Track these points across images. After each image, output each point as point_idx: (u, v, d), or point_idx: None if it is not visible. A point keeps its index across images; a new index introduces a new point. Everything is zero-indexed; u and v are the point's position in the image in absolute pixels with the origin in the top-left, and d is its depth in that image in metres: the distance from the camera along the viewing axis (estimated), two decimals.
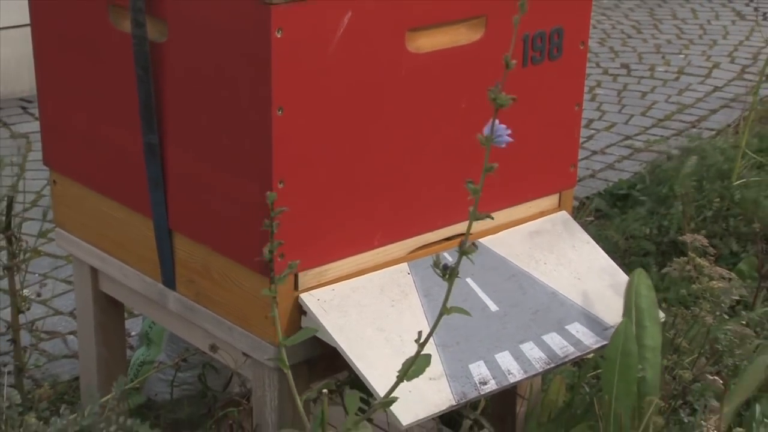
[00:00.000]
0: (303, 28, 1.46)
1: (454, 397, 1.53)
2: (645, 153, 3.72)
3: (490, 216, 1.33)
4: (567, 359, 1.64)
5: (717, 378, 1.78)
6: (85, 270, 1.92)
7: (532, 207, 1.81)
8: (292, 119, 1.48)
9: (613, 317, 1.71)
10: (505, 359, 1.60)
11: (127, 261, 1.80)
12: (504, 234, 1.77)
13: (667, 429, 1.72)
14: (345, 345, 1.53)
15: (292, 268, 1.46)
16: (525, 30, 1.68)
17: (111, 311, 1.96)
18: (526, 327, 1.65)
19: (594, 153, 3.76)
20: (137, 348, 2.26)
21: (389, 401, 1.42)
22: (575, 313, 1.70)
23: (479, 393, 1.55)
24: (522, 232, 1.79)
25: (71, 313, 2.63)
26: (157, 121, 1.63)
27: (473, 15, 1.63)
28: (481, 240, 1.73)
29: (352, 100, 1.54)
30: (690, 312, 1.97)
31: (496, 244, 1.75)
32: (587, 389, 1.97)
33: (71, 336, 2.54)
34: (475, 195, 1.30)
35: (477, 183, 1.30)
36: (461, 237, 1.70)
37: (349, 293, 1.59)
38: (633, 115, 4.13)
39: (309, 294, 1.57)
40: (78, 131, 1.81)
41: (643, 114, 4.15)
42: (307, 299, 1.56)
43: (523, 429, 1.87)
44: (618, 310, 1.73)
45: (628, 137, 3.90)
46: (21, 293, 2.13)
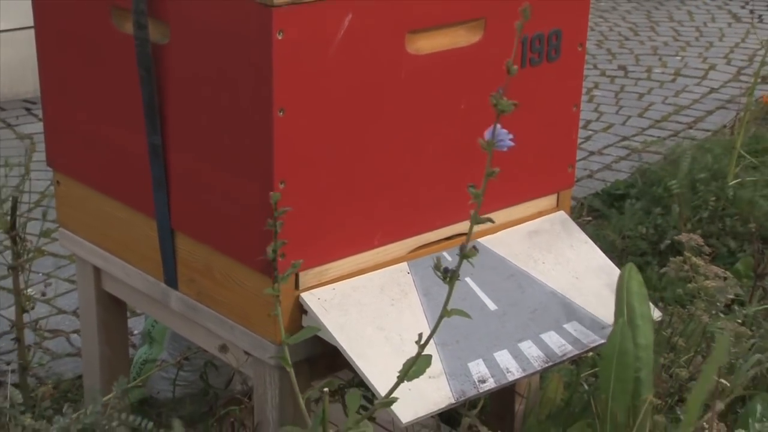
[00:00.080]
0: (304, 29, 1.46)
1: (453, 396, 1.53)
2: (642, 153, 3.73)
3: (491, 220, 1.33)
4: (565, 358, 1.65)
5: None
6: (88, 269, 1.92)
7: (530, 207, 1.82)
8: (293, 120, 1.49)
9: (611, 316, 1.70)
10: (504, 358, 1.60)
11: (130, 260, 1.81)
12: (503, 234, 1.78)
13: (664, 427, 1.73)
14: (345, 343, 1.53)
15: (295, 267, 1.46)
16: (524, 32, 1.68)
17: (114, 310, 1.97)
18: (524, 326, 1.66)
19: (591, 153, 3.77)
20: (140, 346, 2.26)
21: (390, 401, 1.42)
22: (573, 312, 1.70)
23: (478, 391, 1.55)
24: (521, 231, 1.80)
25: (74, 312, 2.64)
26: (160, 123, 1.64)
27: (472, 17, 1.64)
28: (480, 240, 1.73)
29: (352, 101, 1.54)
30: (686, 311, 1.98)
31: (495, 243, 1.75)
32: (585, 387, 1.98)
33: (74, 335, 2.55)
34: (477, 200, 1.29)
35: (476, 184, 1.29)
36: (461, 236, 1.71)
37: (350, 292, 1.60)
38: (630, 117, 4.13)
39: (310, 293, 1.57)
40: (81, 132, 1.82)
41: (640, 115, 4.15)
42: (308, 298, 1.57)
43: (522, 427, 1.87)
44: None
45: (625, 138, 3.91)
46: (25, 292, 2.13)
